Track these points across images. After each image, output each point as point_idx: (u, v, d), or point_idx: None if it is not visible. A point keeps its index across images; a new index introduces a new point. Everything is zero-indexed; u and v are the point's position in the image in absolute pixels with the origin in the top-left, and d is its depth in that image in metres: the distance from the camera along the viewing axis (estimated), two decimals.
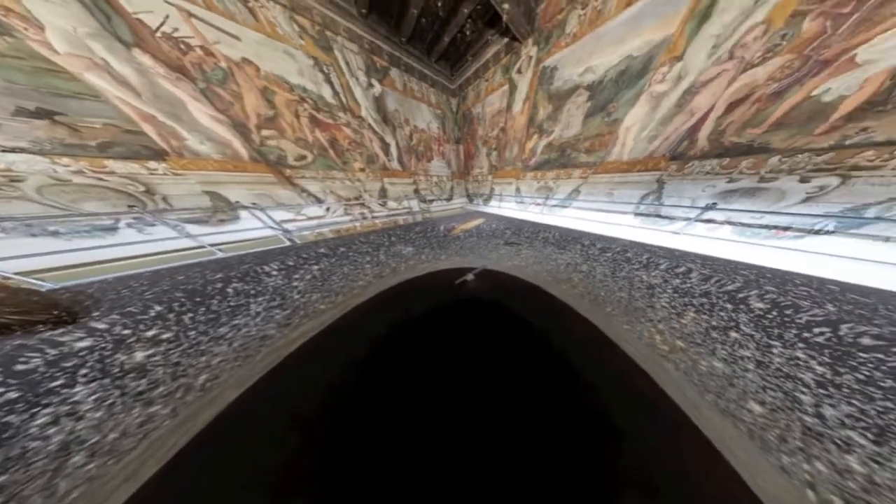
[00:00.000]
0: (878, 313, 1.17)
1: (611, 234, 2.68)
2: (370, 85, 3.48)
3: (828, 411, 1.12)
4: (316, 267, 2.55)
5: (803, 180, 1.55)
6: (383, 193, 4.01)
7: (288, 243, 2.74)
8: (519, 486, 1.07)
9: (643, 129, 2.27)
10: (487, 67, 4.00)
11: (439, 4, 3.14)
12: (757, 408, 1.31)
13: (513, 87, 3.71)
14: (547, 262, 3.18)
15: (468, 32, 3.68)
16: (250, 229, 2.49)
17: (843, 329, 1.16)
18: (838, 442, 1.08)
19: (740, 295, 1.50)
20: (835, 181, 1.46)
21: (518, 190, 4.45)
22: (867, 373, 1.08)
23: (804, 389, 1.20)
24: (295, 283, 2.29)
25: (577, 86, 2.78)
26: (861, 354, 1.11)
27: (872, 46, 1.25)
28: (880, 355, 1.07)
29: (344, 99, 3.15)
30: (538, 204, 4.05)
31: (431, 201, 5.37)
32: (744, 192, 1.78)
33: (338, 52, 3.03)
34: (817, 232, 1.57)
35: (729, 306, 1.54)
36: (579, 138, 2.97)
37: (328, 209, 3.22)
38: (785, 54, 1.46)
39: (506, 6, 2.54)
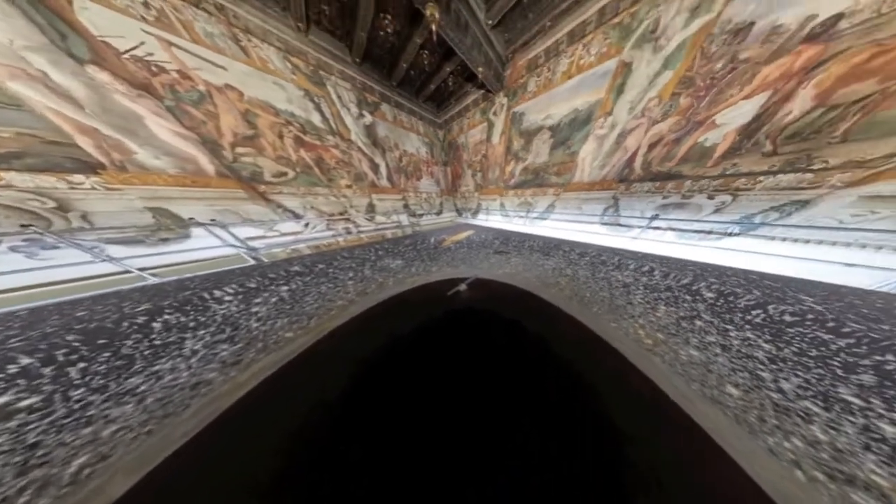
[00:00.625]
0: (788, 294, 1.47)
1: (585, 241, 3.04)
2: (361, 115, 3.68)
3: (784, 385, 1.28)
4: (285, 288, 2.23)
5: (710, 197, 2.10)
6: (371, 209, 4.01)
7: (252, 262, 2.53)
8: (517, 491, 0.98)
9: (594, 159, 2.90)
10: (468, 109, 4.72)
11: (426, 62, 3.71)
12: (734, 391, 1.43)
13: (490, 125, 4.40)
14: (535, 268, 3.35)
15: (451, 83, 4.35)
16: (203, 248, 2.26)
17: (770, 309, 1.42)
18: (801, 414, 1.20)
19: (694, 287, 1.76)
20: (729, 198, 2.01)
21: (502, 205, 4.91)
22: (798, 345, 1.30)
23: (762, 367, 1.37)
24: (255, 309, 1.90)
25: (541, 127, 3.45)
26: (788, 330, 1.34)
27: (722, 115, 1.89)
28: (800, 329, 1.31)
29: (333, 125, 3.27)
30: (521, 216, 4.49)
31: (421, 215, 5.46)
32: (675, 206, 2.33)
33: (330, 88, 3.23)
34: (729, 234, 2.08)
35: (688, 297, 1.78)
36: (548, 165, 3.58)
37: (307, 225, 3.10)
38: (674, 116, 2.13)
39: (480, 69, 3.17)
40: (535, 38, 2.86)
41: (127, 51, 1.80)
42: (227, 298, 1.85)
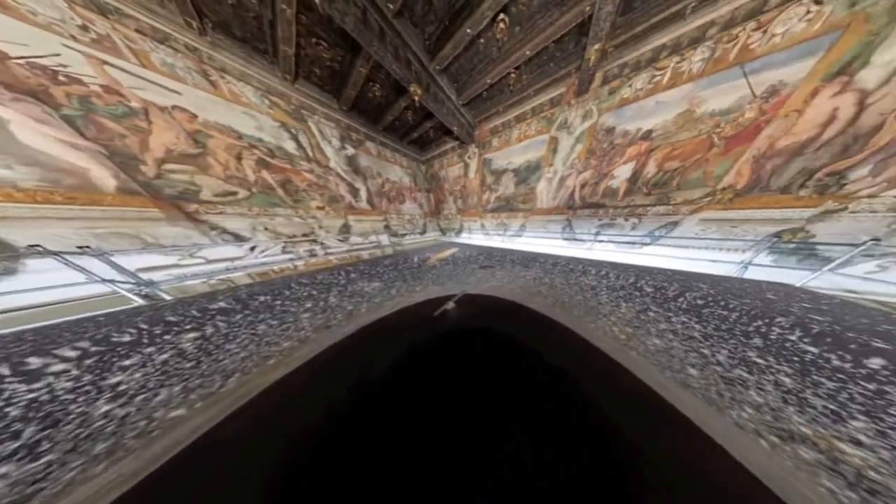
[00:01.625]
0: (692, 284, 1.98)
1: (554, 253, 3.54)
2: (343, 147, 3.69)
3: (720, 357, 1.57)
4: (193, 335, 1.54)
5: (626, 219, 2.92)
6: (346, 229, 3.79)
7: (140, 302, 1.83)
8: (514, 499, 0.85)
9: (547, 193, 3.79)
10: (447, 153, 5.60)
11: (409, 118, 4.36)
12: (694, 372, 1.64)
13: (466, 165, 5.29)
14: (518, 279, 3.56)
15: (431, 134, 5.20)
16: (49, 287, 1.54)
17: (688, 296, 1.85)
18: (740, 382, 1.45)
19: (638, 284, 2.19)
20: (637, 220, 2.85)
21: (482, 225, 5.49)
22: (713, 322, 1.68)
23: (702, 344, 1.67)
24: (116, 380, 1.14)
25: (506, 169, 4.36)
26: (703, 311, 1.75)
27: (616, 171, 2.85)
28: (709, 309, 1.73)
29: (311, 153, 3.19)
30: (500, 235, 5.05)
31: (403, 235, 5.39)
32: (607, 225, 3.15)
33: (312, 124, 3.22)
34: (645, 244, 2.85)
35: (637, 293, 2.16)
36: (515, 195, 4.39)
37: (253, 248, 2.66)
38: (591, 169, 3.10)
39: (455, 129, 3.98)
40: (493, 116, 3.93)
41: (20, 57, 1.56)
42: (59, 368, 1.05)
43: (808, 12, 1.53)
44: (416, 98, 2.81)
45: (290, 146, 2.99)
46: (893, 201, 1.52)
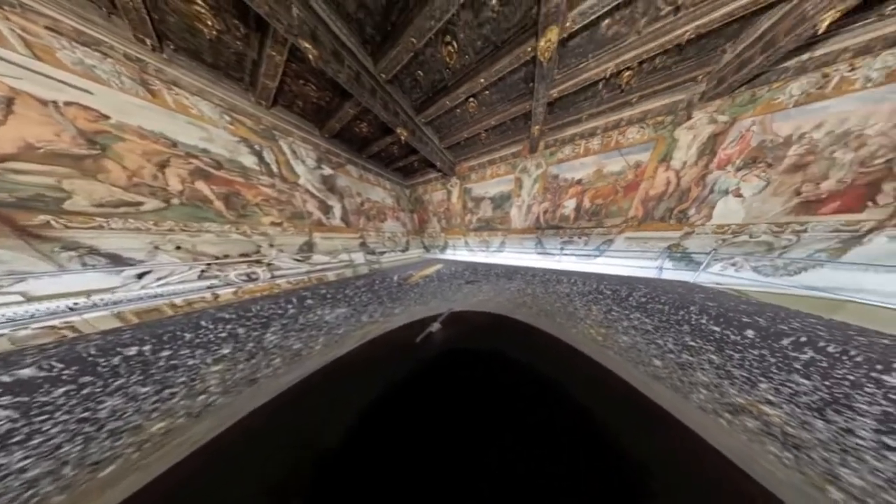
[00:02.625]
0: (636, 286, 2.48)
1: (532, 265, 3.95)
2: (319, 167, 3.43)
3: (670, 345, 1.87)
4: None
5: (580, 237, 3.79)
6: (308, 247, 3.24)
7: None
8: None
9: (519, 217, 4.54)
10: (430, 181, 6.06)
11: (395, 151, 4.34)
12: (658, 363, 1.87)
13: (449, 191, 5.86)
14: (504, 292, 3.70)
15: (416, 165, 5.58)
16: None
17: (635, 295, 2.27)
18: (688, 366, 1.71)
19: (599, 289, 2.59)
20: (587, 238, 3.66)
21: (466, 242, 5.86)
22: (657, 316, 2.06)
23: (655, 335, 1.98)
24: None
25: (484, 197, 5.12)
26: (647, 307, 2.15)
27: (566, 202, 3.77)
28: (651, 305, 2.14)
29: (276, 169, 2.87)
30: (483, 251, 5.46)
31: (382, 253, 5.02)
32: (567, 242, 3.90)
33: (284, 144, 2.95)
34: (596, 256, 3.59)
35: (600, 297, 2.53)
36: (493, 218, 5.06)
37: (145, 275, 1.88)
38: (548, 201, 4.00)
39: (437, 164, 4.57)
40: (470, 159, 4.80)
41: None
42: None
43: (639, 129, 2.81)
44: (403, 138, 2.99)
45: (248, 161, 2.58)
46: (714, 227, 2.57)
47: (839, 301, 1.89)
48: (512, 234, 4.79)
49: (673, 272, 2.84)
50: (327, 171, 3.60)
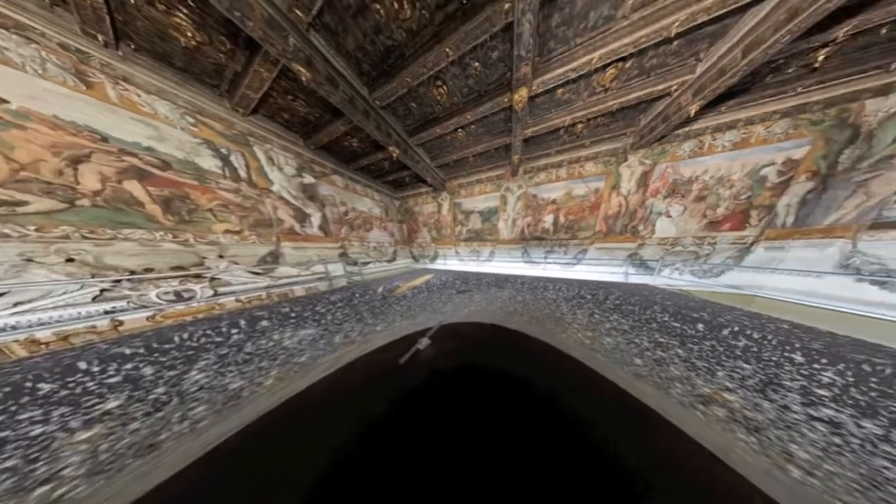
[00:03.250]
0: (611, 290, 2.79)
1: (520, 274, 4.19)
2: (300, 175, 3.23)
3: (645, 343, 2.06)
4: None
5: (559, 247, 4.25)
6: (273, 258, 2.83)
7: None
8: None
9: (506, 229, 4.97)
10: (421, 195, 6.28)
11: (386, 166, 4.36)
12: (639, 361, 2.02)
13: (440, 204, 6.10)
14: (495, 300, 3.74)
15: (407, 180, 5.66)
16: None
17: (611, 298, 2.54)
18: (662, 362, 1.89)
19: (581, 293, 2.83)
20: (566, 248, 4.22)
21: (457, 252, 6.01)
22: (631, 317, 2.31)
23: (631, 334, 2.17)
24: None
25: (473, 210, 5.55)
26: (622, 308, 2.41)
27: (545, 217, 4.34)
28: (625, 307, 2.41)
29: (244, 173, 2.62)
30: (473, 260, 5.64)
31: (366, 263, 4.74)
32: (549, 252, 4.34)
33: (259, 151, 2.76)
34: (574, 264, 4.02)
35: (583, 301, 2.76)
36: (482, 230, 5.41)
37: None
38: (530, 216, 4.53)
39: (428, 180, 4.89)
40: (460, 177, 5.31)
41: None
42: None
43: (594, 164, 3.62)
44: (395, 156, 3.07)
45: (209, 163, 2.33)
46: (657, 240, 3.25)
47: (750, 296, 2.45)
48: (500, 245, 5.13)
49: (636, 276, 3.37)
50: (309, 179, 3.42)
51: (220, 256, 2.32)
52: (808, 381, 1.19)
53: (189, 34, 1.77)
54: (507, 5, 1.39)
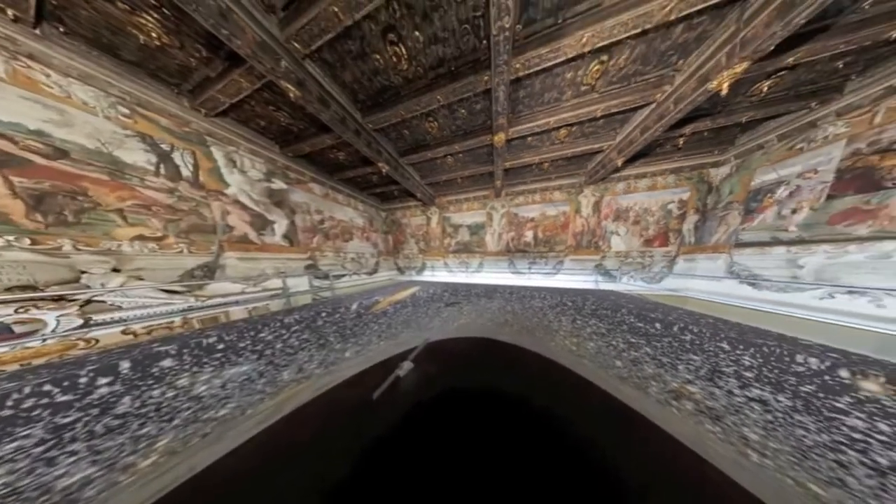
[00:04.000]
0: (588, 297, 3.13)
1: (508, 284, 4.37)
2: (268, 180, 2.95)
3: (621, 345, 2.26)
4: None
5: (541, 259, 4.74)
6: (207, 273, 2.33)
7: None
8: None
9: (493, 242, 5.37)
10: (410, 208, 6.39)
11: (374, 179, 4.21)
12: (619, 363, 2.16)
13: (428, 218, 6.27)
14: (486, 311, 3.71)
15: (396, 193, 5.20)
16: None
17: (587, 305, 2.82)
18: (637, 362, 2.06)
19: (563, 301, 3.08)
20: (546, 260, 4.69)
21: (446, 264, 6.06)
22: (606, 319, 2.56)
23: (609, 337, 2.37)
24: None
25: (462, 224, 5.93)
26: (598, 312, 2.68)
27: (526, 232, 4.91)
28: (600, 311, 2.69)
29: (188, 172, 2.27)
30: (463, 271, 5.77)
31: (340, 276, 4.12)
32: (532, 262, 4.80)
33: (218, 152, 2.48)
34: (554, 274, 4.51)
35: (565, 307, 2.98)
36: (471, 242, 5.74)
37: None
38: (513, 231, 5.10)
39: (418, 194, 5.08)
40: (448, 195, 5.72)
41: None
42: None
43: (560, 193, 4.47)
44: (384, 171, 3.09)
45: (135, 157, 1.97)
46: (614, 253, 4.07)
47: (684, 297, 3.20)
48: (488, 256, 5.47)
49: (604, 284, 4.04)
50: (279, 184, 3.10)
51: (115, 270, 1.74)
52: (738, 366, 1.43)
53: (154, 35, 1.58)
54: (485, 78, 1.81)
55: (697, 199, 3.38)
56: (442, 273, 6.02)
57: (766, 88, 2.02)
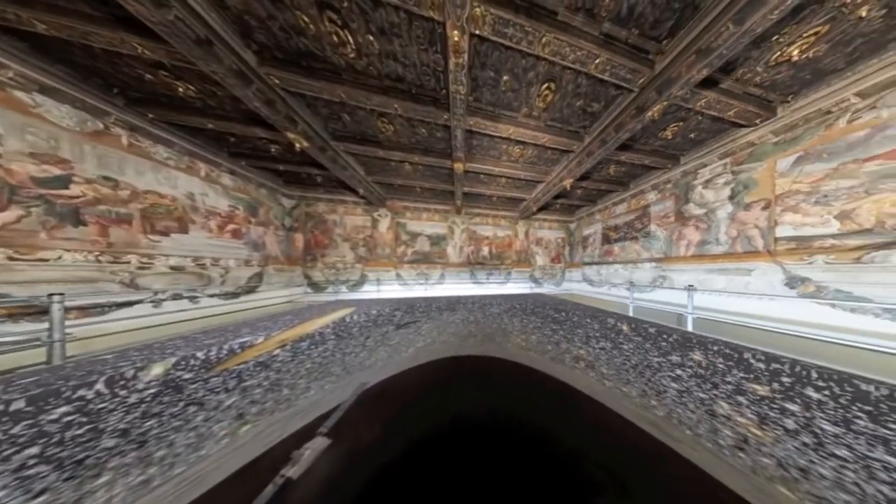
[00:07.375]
0: (528, 298, 3.98)
1: (470, 294, 4.56)
2: None
3: (546, 331, 2.94)
4: None
5: (496, 270, 5.76)
6: None
7: None
8: None
9: (454, 253, 5.83)
10: (344, 203, 4.85)
11: (274, 151, 3.09)
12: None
13: (375, 220, 5.26)
14: (449, 325, 3.46)
15: (319, 180, 4.08)
16: None
17: (529, 305, 3.57)
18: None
19: (513, 305, 3.68)
20: (499, 271, 5.78)
21: (399, 275, 5.30)
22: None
23: (544, 330, 3.04)
24: None
25: (421, 233, 5.92)
26: (536, 311, 3.45)
27: (483, 247, 5.89)
28: (539, 310, 3.48)
29: None
30: (422, 284, 5.37)
31: (107, 308, 2.01)
32: (490, 273, 5.75)
33: None
34: (505, 283, 5.71)
35: (515, 310, 3.54)
36: (432, 252, 5.75)
37: None
38: (472, 245, 6.01)
39: (360, 191, 4.17)
40: (405, 200, 5.43)
41: None
42: None
43: (504, 220, 6.26)
44: (299, 147, 2.40)
45: None
46: (539, 267, 6.22)
47: (572, 294, 5.60)
48: (450, 267, 5.71)
49: (536, 288, 6.06)
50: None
51: None
52: (590, 330, 2.20)
53: None
54: (445, 116, 2.09)
55: (567, 237, 6.55)
56: (392, 287, 5.20)
57: (580, 191, 4.87)
